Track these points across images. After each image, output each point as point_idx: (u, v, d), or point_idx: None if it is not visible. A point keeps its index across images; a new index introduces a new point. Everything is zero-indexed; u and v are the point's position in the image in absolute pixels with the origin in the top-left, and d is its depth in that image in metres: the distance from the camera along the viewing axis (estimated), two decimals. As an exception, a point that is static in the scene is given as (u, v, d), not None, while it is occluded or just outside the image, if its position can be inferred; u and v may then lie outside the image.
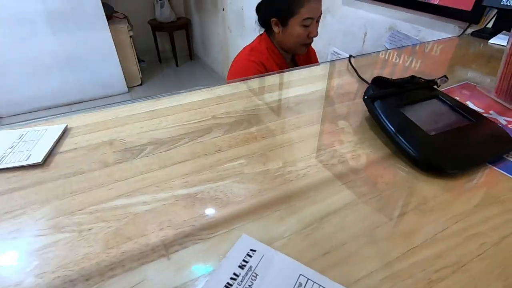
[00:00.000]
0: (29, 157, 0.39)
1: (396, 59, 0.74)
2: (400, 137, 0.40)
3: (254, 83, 0.61)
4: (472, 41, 0.87)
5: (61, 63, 2.55)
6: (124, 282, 0.25)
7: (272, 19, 0.92)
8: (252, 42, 1.02)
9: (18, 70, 2.34)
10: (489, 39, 0.85)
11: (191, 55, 3.68)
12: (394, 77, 0.49)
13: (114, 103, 0.53)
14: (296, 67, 0.71)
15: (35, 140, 0.42)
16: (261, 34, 1.01)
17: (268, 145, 0.43)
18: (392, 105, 0.44)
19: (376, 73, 0.65)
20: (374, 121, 0.47)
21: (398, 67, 0.70)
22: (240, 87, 0.60)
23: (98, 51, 2.66)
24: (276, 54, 0.97)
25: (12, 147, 0.41)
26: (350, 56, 0.71)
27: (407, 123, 0.41)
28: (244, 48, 1.01)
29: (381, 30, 1.30)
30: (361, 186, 0.36)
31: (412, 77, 0.46)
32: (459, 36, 0.93)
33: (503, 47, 0.80)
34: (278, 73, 0.66)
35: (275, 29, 0.94)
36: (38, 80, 2.47)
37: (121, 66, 2.83)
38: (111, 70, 2.78)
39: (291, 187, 0.35)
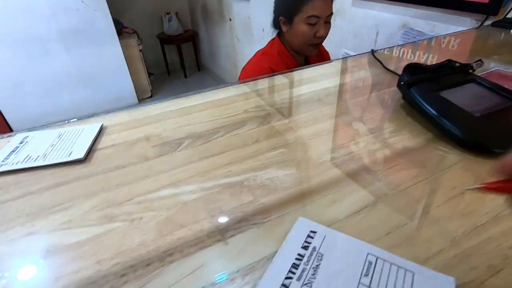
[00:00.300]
0: (70, 153, 0.39)
1: (413, 53, 0.73)
2: (444, 120, 0.39)
3: (278, 79, 0.61)
4: (493, 31, 0.86)
5: (74, 79, 2.62)
6: (185, 266, 0.25)
7: (280, 18, 0.93)
8: (264, 46, 1.03)
9: (32, 87, 2.40)
10: (510, 28, 0.83)
11: (199, 66, 3.74)
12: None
13: (141, 103, 0.53)
14: (316, 64, 0.71)
15: (74, 138, 0.43)
16: (273, 38, 1.01)
17: (306, 134, 0.42)
18: (430, 89, 0.43)
19: (398, 65, 0.65)
20: (411, 107, 0.46)
21: (418, 60, 0.69)
22: (265, 83, 0.60)
23: (110, 66, 2.72)
24: (288, 57, 0.97)
25: (52, 145, 0.41)
26: (372, 50, 0.70)
27: (450, 106, 0.40)
28: (257, 52, 1.01)
29: (393, 29, 1.30)
30: (410, 168, 0.34)
31: (449, 61, 0.46)
32: (477, 28, 0.92)
33: (526, 35, 0.79)
34: (299, 69, 0.66)
35: (283, 28, 0.93)
36: (51, 97, 2.53)
37: (132, 80, 2.88)
38: (122, 84, 2.84)
39: (337, 172, 0.35)
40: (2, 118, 2.33)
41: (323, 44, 1.01)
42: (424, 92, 0.43)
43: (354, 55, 0.73)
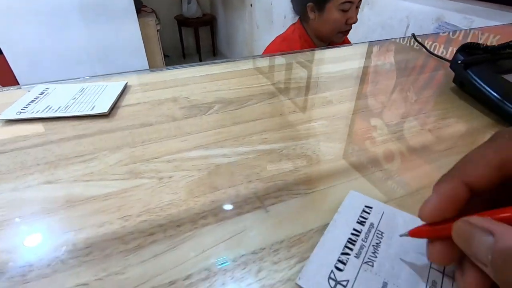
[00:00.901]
0: (93, 107, 0.36)
1: (451, 43, 0.68)
2: (508, 103, 0.34)
3: (309, 55, 0.57)
4: (541, 26, 0.79)
5: (91, 54, 2.60)
6: (221, 231, 0.22)
7: (308, 4, 0.87)
8: (284, 32, 0.98)
9: (49, 61, 2.39)
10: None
11: (215, 51, 3.69)
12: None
13: (167, 67, 0.50)
14: (350, 44, 0.66)
15: (97, 94, 0.40)
16: (294, 23, 0.96)
17: (348, 109, 0.38)
18: (490, 71, 0.39)
19: (440, 52, 0.60)
20: (464, 91, 0.42)
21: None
22: (296, 57, 0.56)
23: (127, 44, 2.69)
24: (310, 44, 0.92)
25: (74, 98, 0.39)
26: (413, 34, 0.65)
27: (514, 89, 0.36)
28: (276, 37, 0.97)
29: (426, 21, 1.24)
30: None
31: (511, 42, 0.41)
32: (522, 22, 0.86)
33: None
34: (333, 47, 0.62)
35: (311, 15, 0.89)
36: (67, 71, 2.51)
37: (147, 60, 2.85)
38: (138, 63, 2.81)
39: (385, 149, 0.31)
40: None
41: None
42: (484, 73, 0.39)
43: (393, 39, 0.68)
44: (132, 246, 0.20)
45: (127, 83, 0.43)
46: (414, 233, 0.18)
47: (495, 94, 0.36)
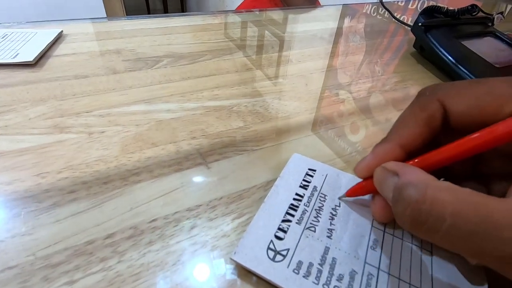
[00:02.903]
0: (16, 55, 0.31)
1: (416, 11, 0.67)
2: (462, 68, 0.35)
3: (277, 14, 0.54)
4: (499, 1, 0.82)
5: (41, 10, 2.31)
6: (154, 188, 0.20)
7: None
8: (244, 1, 0.92)
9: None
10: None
11: (183, 9, 3.44)
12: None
13: (113, 17, 0.44)
14: (320, 5, 0.63)
15: (23, 41, 0.34)
16: None
17: (307, 68, 0.36)
18: (448, 35, 0.39)
19: (403, 18, 0.59)
20: (423, 56, 0.42)
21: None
22: (262, 15, 0.52)
23: (83, 2, 2.42)
24: (279, 6, 0.88)
25: (-8, 44, 0.33)
26: (381, 0, 0.64)
27: (469, 54, 0.36)
28: (239, 6, 0.91)
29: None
30: (424, 111, 0.30)
31: (473, 6, 0.41)
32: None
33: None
34: (302, 8, 0.59)
35: None
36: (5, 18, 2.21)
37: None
38: (97, 23, 2.56)
39: (341, 108, 0.30)
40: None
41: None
42: (442, 37, 0.38)
43: (359, 3, 0.66)
44: (47, 205, 0.18)
45: (62, 31, 0.38)
46: (350, 193, 0.19)
47: (451, 58, 0.36)
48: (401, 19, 0.59)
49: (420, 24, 0.40)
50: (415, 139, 0.16)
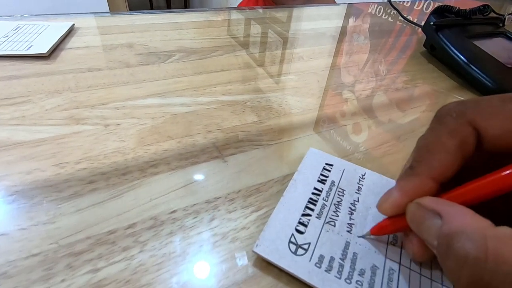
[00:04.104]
0: (30, 47, 0.31)
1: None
2: (474, 68, 0.35)
3: (283, 12, 0.54)
4: (508, 1, 0.81)
5: (45, 5, 2.31)
6: (172, 180, 0.20)
7: None
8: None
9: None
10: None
11: (186, 4, 3.44)
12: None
13: (126, 12, 0.44)
14: (327, 3, 0.63)
15: (35, 33, 0.34)
16: None
17: (318, 65, 0.36)
18: (460, 35, 0.39)
19: (415, 18, 0.59)
20: (433, 55, 0.42)
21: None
22: (272, 13, 0.52)
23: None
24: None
25: (7, 36, 0.33)
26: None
27: (481, 54, 0.36)
28: (241, 2, 0.90)
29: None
30: (432, 111, 0.30)
31: (485, 6, 0.40)
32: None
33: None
34: (310, 5, 0.58)
35: None
36: (8, 7, 2.21)
37: (110, 11, 2.60)
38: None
39: (354, 105, 0.30)
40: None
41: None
42: (454, 37, 0.38)
43: (366, 2, 0.66)
44: (67, 195, 0.18)
45: (74, 24, 0.38)
46: (376, 231, 0.16)
47: (462, 57, 0.36)
48: (409, 17, 0.59)
49: (432, 23, 0.40)
50: (447, 170, 0.14)
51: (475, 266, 0.10)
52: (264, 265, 0.16)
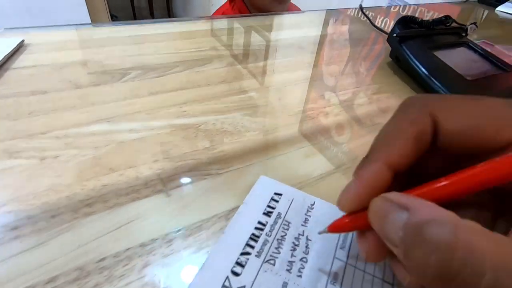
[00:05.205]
0: (-32, 68, 0.29)
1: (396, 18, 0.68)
2: (435, 80, 0.35)
3: (254, 20, 0.53)
4: (477, 7, 0.83)
5: (20, 10, 2.23)
6: (107, 221, 0.18)
7: None
8: (222, 5, 0.89)
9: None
10: (496, 6, 0.81)
11: (170, 14, 3.39)
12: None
13: (82, 25, 0.43)
14: (297, 11, 0.63)
15: (-23, 51, 0.32)
16: None
17: (284, 80, 0.36)
18: (422, 46, 0.39)
19: (385, 24, 0.59)
20: (399, 66, 0.41)
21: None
22: (240, 22, 0.51)
23: (64, 1, 2.35)
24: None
25: None
26: (360, 5, 0.64)
27: (442, 66, 0.36)
28: (217, 10, 0.89)
29: (380, -5, 1.23)
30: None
31: (446, 17, 0.41)
32: (464, 1, 0.89)
33: (509, 15, 0.77)
34: (279, 13, 0.58)
35: None
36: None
37: (91, 20, 2.54)
38: (79, 22, 2.50)
39: (314, 124, 0.29)
40: None
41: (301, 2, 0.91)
42: (416, 48, 0.38)
43: (340, 9, 0.66)
44: (-15, 245, 0.16)
45: (23, 40, 0.35)
46: (334, 228, 0.15)
47: (424, 70, 0.36)
48: (383, 23, 0.59)
49: (394, 35, 0.40)
50: (404, 158, 0.14)
51: (445, 253, 0.10)
52: (195, 317, 0.15)
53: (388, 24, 0.60)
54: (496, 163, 0.12)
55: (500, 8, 0.80)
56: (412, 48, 0.38)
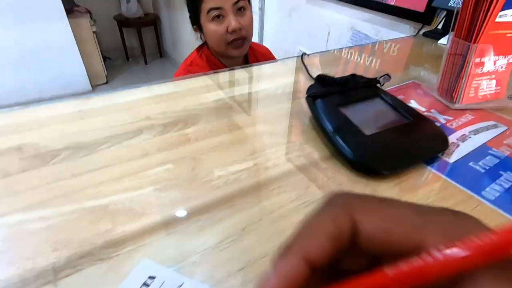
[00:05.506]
0: None
1: (354, 57, 0.73)
2: (338, 138, 0.38)
3: (199, 81, 0.58)
4: (425, 41, 0.89)
5: (14, 59, 2.37)
6: (-9, 319, 0.21)
7: (193, 27, 0.85)
8: (191, 54, 0.92)
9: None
10: (439, 39, 0.87)
11: (161, 52, 3.57)
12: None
13: (29, 104, 0.47)
14: (254, 63, 0.68)
15: None
16: (201, 45, 0.91)
17: (201, 148, 0.39)
18: (332, 104, 0.43)
19: (329, 71, 0.64)
20: (315, 122, 0.45)
21: (354, 65, 0.69)
22: (183, 85, 0.56)
23: (57, 47, 2.50)
24: (219, 66, 0.88)
25: None
26: (303, 54, 0.69)
27: (345, 123, 0.40)
28: (185, 60, 0.91)
29: (343, 30, 1.31)
30: (291, 191, 0.33)
31: (353, 75, 0.45)
32: (414, 36, 0.95)
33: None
34: (229, 70, 0.63)
35: (201, 36, 0.86)
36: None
37: (84, 64, 2.67)
38: (72, 67, 2.64)
39: (217, 194, 0.32)
40: None
41: (272, 43, 0.97)
42: (326, 106, 0.42)
43: (285, 58, 0.71)
44: None
45: (-30, 129, 0.40)
46: None
47: (330, 127, 0.39)
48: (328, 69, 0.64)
49: (307, 95, 0.44)
50: (322, 255, 0.14)
51: None
52: None
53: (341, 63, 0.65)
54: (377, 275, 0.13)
55: (441, 41, 0.85)
56: (322, 106, 0.42)
